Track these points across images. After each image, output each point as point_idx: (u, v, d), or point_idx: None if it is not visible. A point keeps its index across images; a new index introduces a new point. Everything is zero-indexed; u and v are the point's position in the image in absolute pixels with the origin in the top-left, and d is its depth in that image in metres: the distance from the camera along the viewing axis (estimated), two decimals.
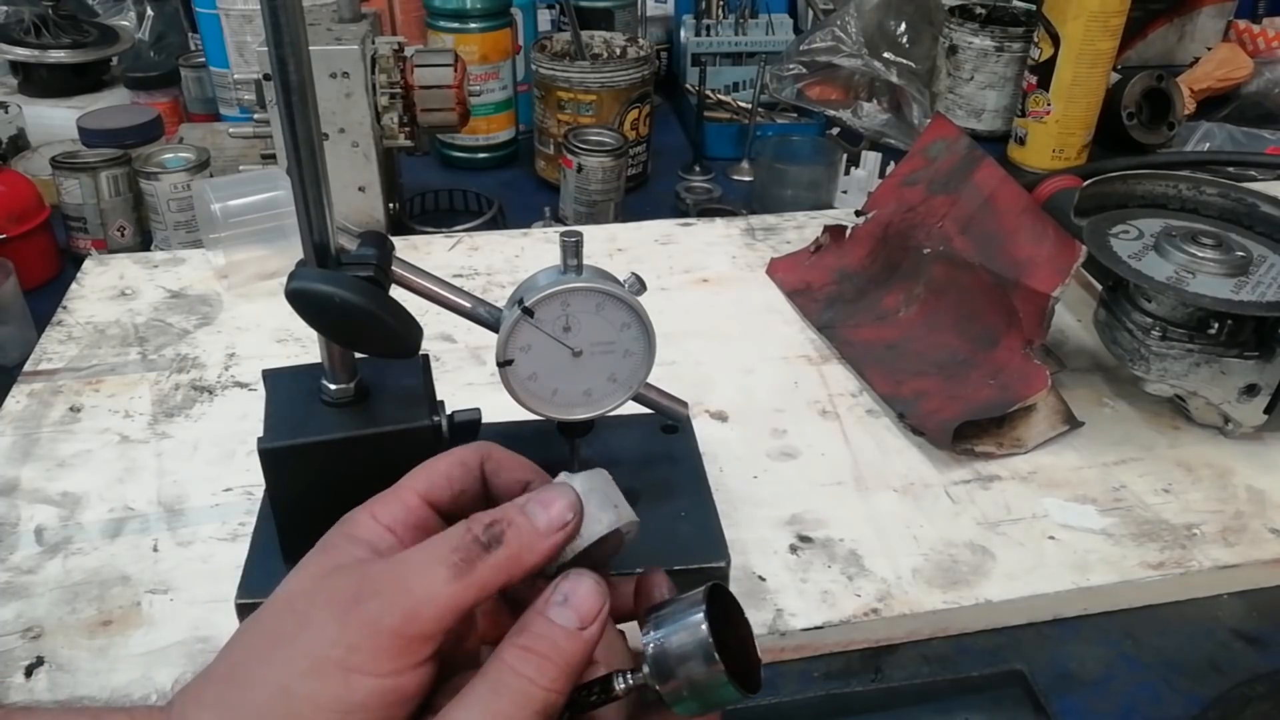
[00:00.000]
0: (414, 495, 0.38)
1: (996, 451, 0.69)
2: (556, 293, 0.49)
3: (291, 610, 0.34)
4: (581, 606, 0.35)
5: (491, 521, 0.35)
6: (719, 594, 0.36)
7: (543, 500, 0.36)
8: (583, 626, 0.34)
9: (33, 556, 0.59)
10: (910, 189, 0.85)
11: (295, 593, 0.35)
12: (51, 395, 0.73)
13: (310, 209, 0.46)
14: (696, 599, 0.36)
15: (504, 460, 0.41)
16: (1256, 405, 0.68)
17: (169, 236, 0.94)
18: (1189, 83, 1.37)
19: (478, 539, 0.34)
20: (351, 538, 0.37)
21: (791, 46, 1.31)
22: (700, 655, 0.34)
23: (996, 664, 0.56)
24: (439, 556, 0.34)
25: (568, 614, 0.34)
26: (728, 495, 0.64)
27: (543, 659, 0.33)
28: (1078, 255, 0.68)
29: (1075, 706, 0.54)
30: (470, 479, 0.39)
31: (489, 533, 0.35)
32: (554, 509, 0.36)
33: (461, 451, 0.40)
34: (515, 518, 0.35)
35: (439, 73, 0.91)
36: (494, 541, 0.34)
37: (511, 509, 0.36)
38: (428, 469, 0.39)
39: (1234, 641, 0.58)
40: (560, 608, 0.35)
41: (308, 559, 0.37)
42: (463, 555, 0.34)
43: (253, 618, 0.35)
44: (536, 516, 0.36)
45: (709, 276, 0.91)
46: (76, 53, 1.21)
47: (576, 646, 0.34)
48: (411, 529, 0.37)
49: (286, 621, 0.34)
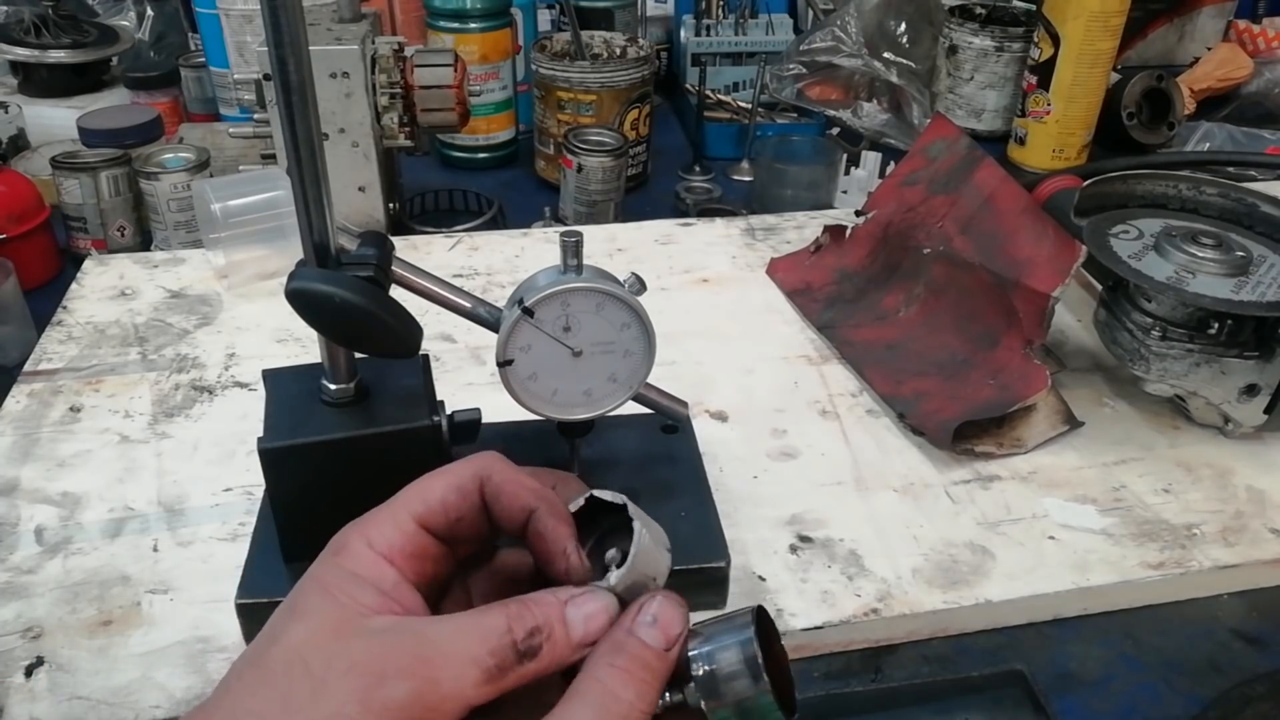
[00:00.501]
0: (409, 520, 0.37)
1: (996, 451, 0.69)
2: (556, 293, 0.49)
3: (306, 671, 0.32)
4: (669, 628, 0.35)
5: (533, 630, 0.34)
6: (762, 616, 0.37)
7: (587, 611, 0.35)
8: (668, 648, 0.35)
9: (33, 556, 0.59)
10: (910, 189, 0.85)
11: (307, 647, 0.33)
12: (51, 395, 0.73)
13: (310, 209, 0.46)
14: (745, 619, 0.36)
15: (504, 483, 0.38)
16: (1256, 405, 0.68)
17: (169, 236, 0.94)
18: (1189, 83, 1.37)
19: (515, 645, 0.34)
20: (354, 577, 0.35)
21: (791, 46, 1.31)
22: (748, 674, 0.35)
23: (996, 664, 0.56)
24: (473, 656, 0.33)
25: (657, 635, 0.35)
26: (728, 495, 0.64)
27: (642, 682, 0.34)
28: (1078, 255, 0.68)
29: (1075, 706, 0.54)
30: (468, 505, 0.38)
31: (528, 643, 0.34)
32: (594, 625, 0.35)
33: (459, 472, 0.38)
34: (555, 629, 0.35)
35: (439, 73, 0.91)
36: (530, 654, 0.34)
37: (554, 614, 0.35)
38: (423, 492, 0.38)
39: (1234, 641, 0.58)
40: (650, 629, 0.35)
41: (309, 597, 0.35)
42: (499, 661, 0.33)
43: (258, 663, 0.33)
44: (575, 629, 0.35)
45: (709, 276, 0.91)
46: (76, 53, 1.21)
47: (665, 667, 0.35)
48: (410, 558, 0.36)
49: (300, 684, 0.32)
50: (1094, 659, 0.57)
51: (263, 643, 0.34)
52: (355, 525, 0.37)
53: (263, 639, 0.34)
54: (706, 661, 0.35)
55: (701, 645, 0.36)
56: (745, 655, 0.35)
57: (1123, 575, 0.60)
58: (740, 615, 0.36)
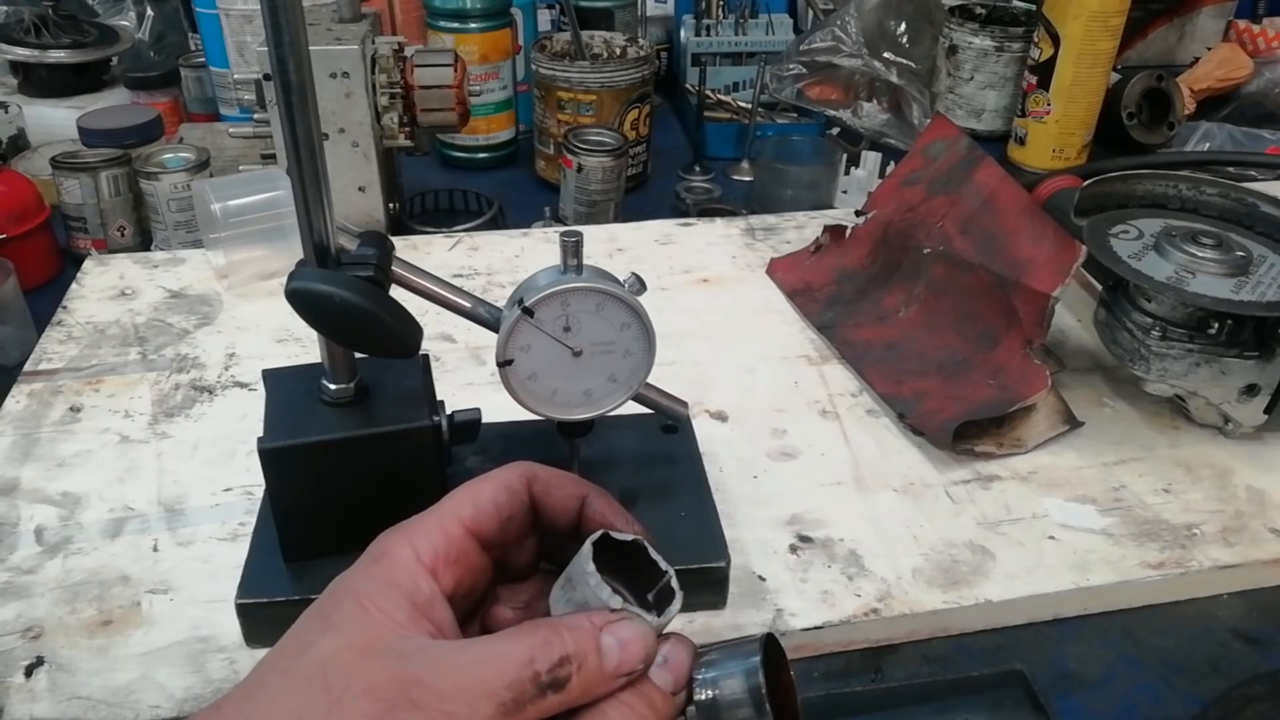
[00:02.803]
0: (458, 525, 0.36)
1: (996, 451, 0.69)
2: (556, 293, 0.49)
3: (326, 688, 0.32)
4: (678, 671, 0.35)
5: (561, 660, 0.33)
6: (771, 644, 0.36)
7: (623, 637, 0.34)
8: (676, 691, 0.35)
9: (33, 556, 0.59)
10: (910, 189, 0.85)
11: (331, 663, 0.32)
12: (51, 395, 0.73)
13: (310, 209, 0.46)
14: (753, 647, 0.35)
15: (552, 478, 0.39)
16: (1256, 405, 0.68)
17: (169, 236, 0.94)
18: (1189, 83, 1.37)
19: (538, 677, 0.32)
20: (390, 588, 0.34)
21: (791, 46, 1.31)
22: (750, 704, 0.34)
23: (996, 664, 0.56)
24: (489, 690, 0.32)
25: (667, 678, 0.34)
26: (728, 495, 0.64)
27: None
28: (1078, 255, 0.68)
29: (1075, 706, 0.54)
30: (518, 505, 0.38)
31: (554, 674, 0.32)
32: (630, 653, 0.34)
33: (504, 474, 0.38)
34: (589, 658, 0.33)
35: (439, 73, 0.91)
36: (555, 686, 0.32)
37: (588, 642, 0.33)
38: (473, 494, 0.37)
39: (1234, 641, 0.58)
40: (661, 670, 0.34)
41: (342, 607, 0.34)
42: (516, 695, 0.32)
43: (284, 670, 0.33)
44: (610, 657, 0.33)
45: (709, 276, 0.91)
46: (76, 53, 1.21)
47: (670, 710, 0.34)
48: (453, 565, 0.36)
49: (318, 700, 0.31)
50: (1094, 659, 0.57)
51: (291, 649, 0.34)
52: (400, 529, 0.37)
53: (291, 645, 0.34)
54: (710, 688, 0.35)
55: (707, 671, 0.35)
56: (749, 685, 0.34)
57: (1123, 575, 0.60)
58: (749, 643, 0.36)
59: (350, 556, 0.37)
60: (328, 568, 0.51)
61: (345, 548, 0.43)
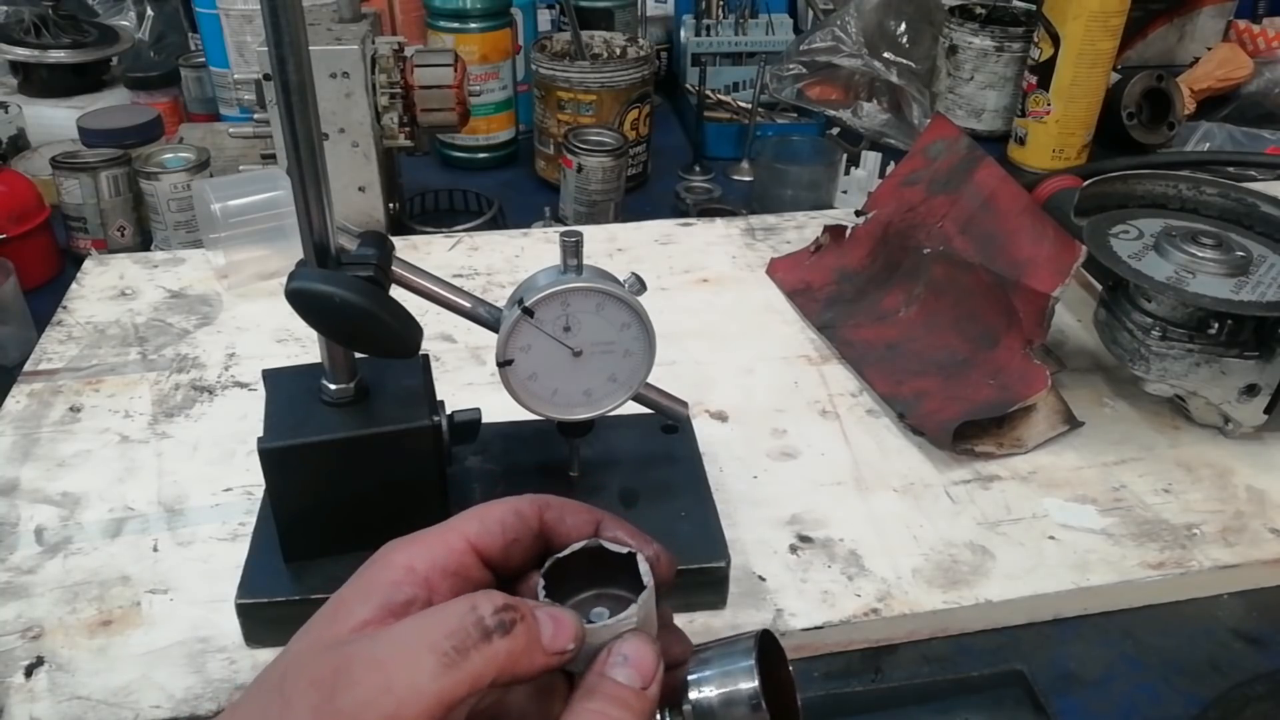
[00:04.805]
0: (461, 539, 0.36)
1: (996, 451, 0.69)
2: (556, 293, 0.49)
3: (280, 689, 0.31)
4: (642, 666, 0.34)
5: (506, 605, 0.32)
6: (767, 640, 0.36)
7: (555, 615, 0.34)
8: (645, 686, 0.34)
9: (33, 556, 0.59)
10: (910, 189, 0.85)
11: (289, 665, 0.32)
12: (51, 395, 0.73)
13: (310, 209, 0.46)
14: (748, 645, 0.35)
15: (566, 507, 0.38)
16: (1256, 405, 0.68)
17: (169, 236, 0.94)
18: (1189, 83, 1.37)
19: (481, 621, 0.31)
20: (366, 590, 0.34)
21: (791, 46, 1.31)
22: (746, 703, 0.34)
23: (996, 664, 0.56)
24: (429, 641, 0.31)
25: (631, 674, 0.34)
26: (728, 495, 0.64)
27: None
28: (1078, 255, 0.68)
29: (1075, 706, 0.54)
30: (524, 528, 0.37)
31: (499, 617, 0.32)
32: (563, 627, 0.33)
33: (518, 500, 0.38)
34: (528, 616, 0.33)
35: (439, 73, 0.91)
36: (502, 629, 0.31)
37: (527, 605, 0.33)
38: (482, 513, 0.37)
39: (1234, 641, 0.58)
40: (623, 668, 0.34)
41: (322, 611, 0.34)
42: (457, 642, 0.31)
43: (261, 678, 0.33)
44: (545, 626, 0.33)
45: (709, 276, 0.91)
46: (76, 53, 1.21)
47: (646, 705, 0.34)
48: (451, 576, 0.35)
49: (274, 701, 0.31)
50: (1094, 659, 0.57)
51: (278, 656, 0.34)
52: (404, 539, 0.37)
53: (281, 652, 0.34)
54: (704, 686, 0.35)
55: (701, 669, 0.35)
56: (745, 684, 0.34)
57: (1123, 575, 0.60)
58: (744, 640, 0.35)
59: (350, 556, 0.37)
60: (328, 568, 0.52)
61: (345, 548, 0.43)
